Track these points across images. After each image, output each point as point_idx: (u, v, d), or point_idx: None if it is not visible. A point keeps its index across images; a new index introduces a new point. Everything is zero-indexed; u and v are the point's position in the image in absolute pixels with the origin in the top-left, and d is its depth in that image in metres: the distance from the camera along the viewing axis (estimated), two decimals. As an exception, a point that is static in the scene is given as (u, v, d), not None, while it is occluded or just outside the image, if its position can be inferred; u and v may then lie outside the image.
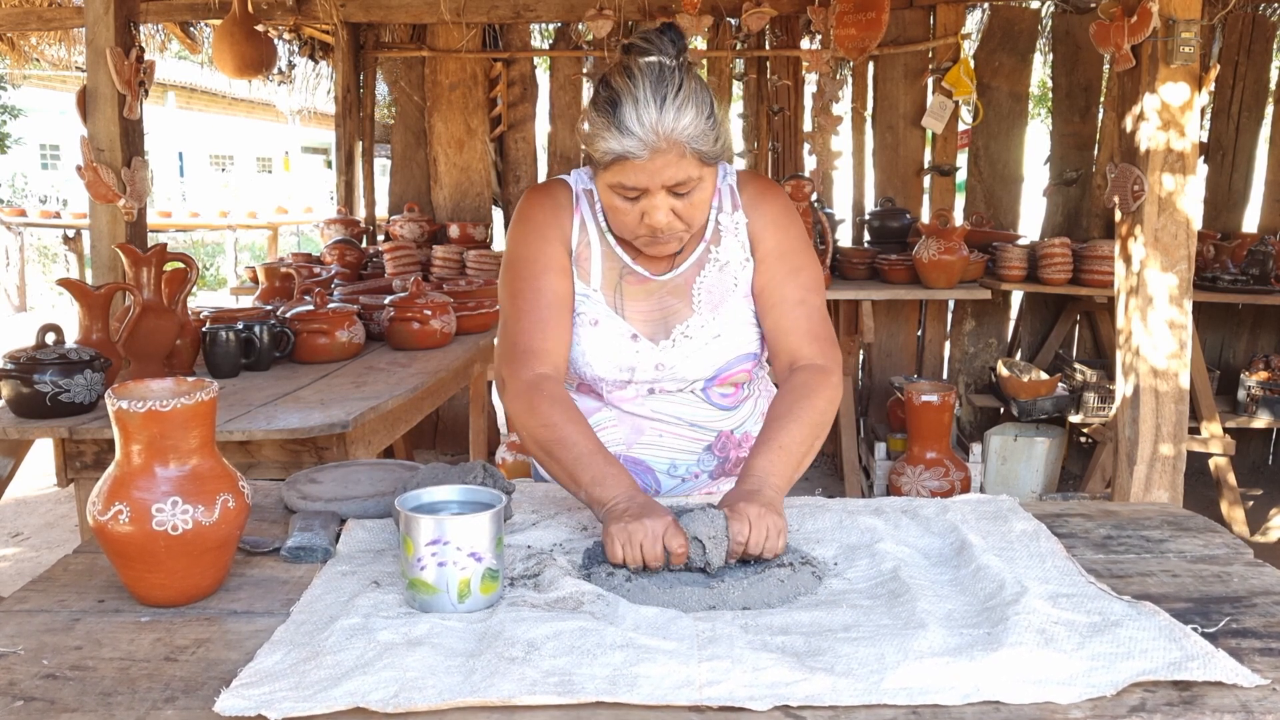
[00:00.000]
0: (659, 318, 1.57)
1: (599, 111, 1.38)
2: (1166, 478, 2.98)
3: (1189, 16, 2.76)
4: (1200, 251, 4.47)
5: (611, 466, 1.36)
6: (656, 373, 1.56)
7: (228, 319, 2.86)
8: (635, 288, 1.57)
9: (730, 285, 1.57)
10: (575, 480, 1.37)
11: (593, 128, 1.39)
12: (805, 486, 4.83)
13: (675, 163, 1.37)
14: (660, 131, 1.34)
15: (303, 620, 1.11)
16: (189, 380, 1.20)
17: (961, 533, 1.35)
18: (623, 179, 1.39)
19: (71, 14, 5.13)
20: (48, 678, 0.99)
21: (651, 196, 1.40)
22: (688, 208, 1.43)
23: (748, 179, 1.62)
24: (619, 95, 1.36)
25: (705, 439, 1.63)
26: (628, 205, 1.43)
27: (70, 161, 17.37)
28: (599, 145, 1.38)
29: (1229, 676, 0.97)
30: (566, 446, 1.39)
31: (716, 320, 1.56)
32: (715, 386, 1.61)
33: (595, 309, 1.56)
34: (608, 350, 1.55)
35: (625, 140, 1.35)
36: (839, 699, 0.94)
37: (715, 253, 1.58)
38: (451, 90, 5.21)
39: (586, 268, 1.56)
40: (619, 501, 1.30)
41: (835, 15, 4.46)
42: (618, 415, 1.61)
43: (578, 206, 1.58)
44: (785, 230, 1.59)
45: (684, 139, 1.36)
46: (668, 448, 1.62)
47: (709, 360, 1.56)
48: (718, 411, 1.63)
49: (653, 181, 1.38)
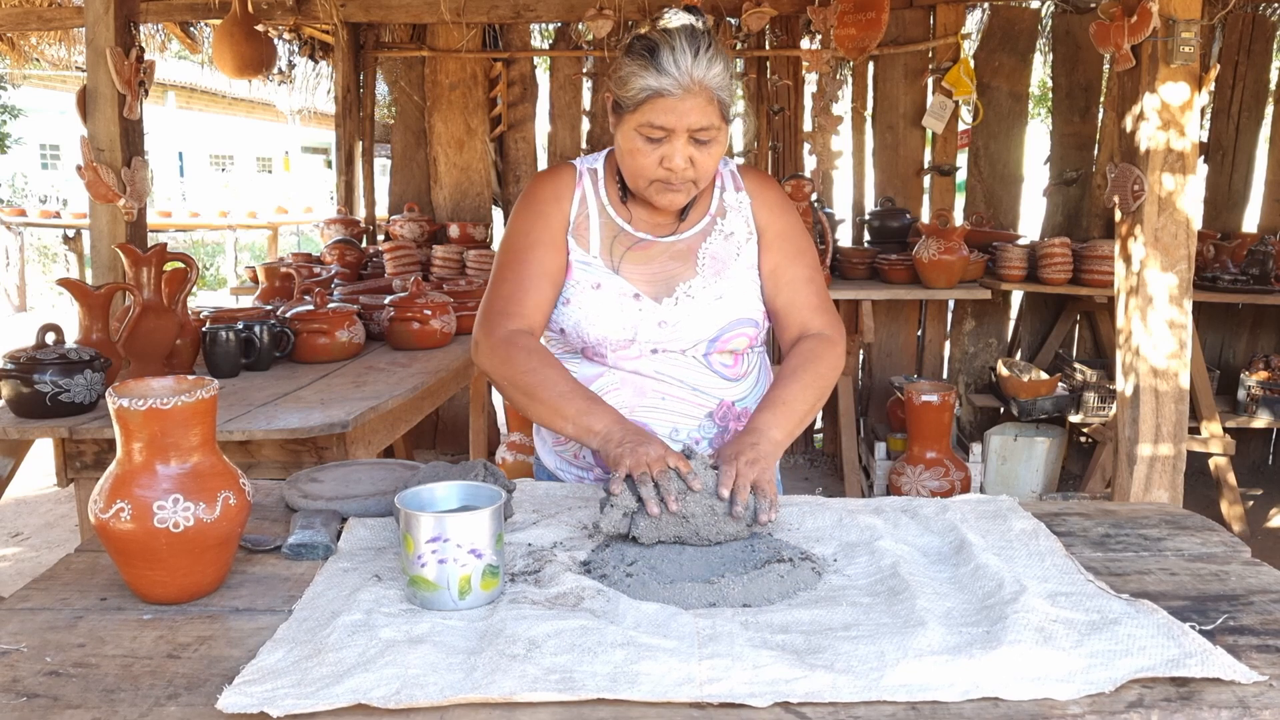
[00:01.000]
0: (661, 278, 1.63)
1: (634, 57, 1.48)
2: (1166, 478, 2.98)
3: (1189, 16, 2.76)
4: (1200, 251, 4.47)
5: (594, 399, 1.47)
6: (659, 331, 1.60)
7: (228, 319, 2.87)
8: (637, 252, 1.64)
9: (734, 254, 1.65)
10: (561, 415, 1.45)
11: (627, 70, 1.49)
12: (805, 486, 4.83)
13: (702, 107, 1.47)
14: (694, 75, 1.45)
15: (304, 617, 1.12)
16: (189, 378, 1.21)
17: (961, 531, 1.36)
18: (652, 118, 1.48)
19: (71, 14, 5.13)
20: (51, 675, 1.00)
21: (674, 139, 1.49)
22: (703, 157, 1.52)
23: (748, 169, 1.75)
24: (656, 43, 1.47)
25: (707, 405, 1.65)
26: (649, 147, 1.51)
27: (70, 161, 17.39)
28: (634, 84, 1.47)
29: (1226, 673, 0.97)
30: (547, 386, 1.47)
31: (719, 283, 1.63)
32: (716, 353, 1.64)
33: (596, 274, 1.62)
34: (610, 310, 1.59)
35: (662, 79, 1.45)
36: (839, 696, 0.94)
37: (721, 224, 1.67)
38: (451, 90, 5.22)
39: (585, 237, 1.64)
40: (612, 429, 1.39)
41: (835, 15, 4.46)
42: (621, 378, 1.63)
43: (580, 182, 1.67)
44: (787, 215, 1.71)
45: (713, 86, 1.47)
46: (670, 411, 1.64)
47: (711, 320, 1.61)
48: (719, 380, 1.66)
49: (680, 123, 1.47)
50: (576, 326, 1.61)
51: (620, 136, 1.55)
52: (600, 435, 1.40)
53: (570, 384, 1.48)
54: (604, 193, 1.66)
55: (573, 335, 1.62)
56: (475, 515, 1.14)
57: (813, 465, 5.25)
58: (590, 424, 1.42)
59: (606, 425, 1.40)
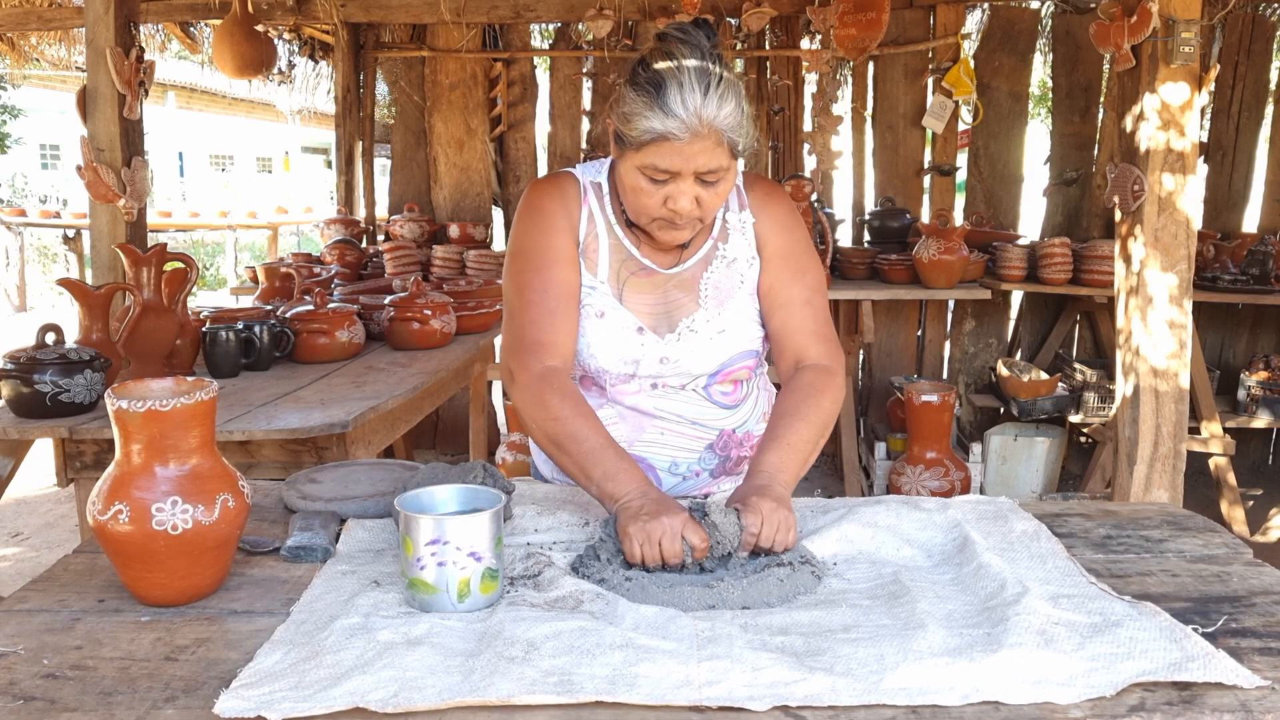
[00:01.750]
0: (663, 311, 1.58)
1: (640, 92, 1.38)
2: (1166, 478, 2.98)
3: (1189, 16, 2.76)
4: (1200, 251, 4.47)
5: (623, 461, 1.36)
6: (660, 366, 1.57)
7: (228, 319, 2.86)
8: (641, 280, 1.58)
9: (736, 282, 1.59)
10: (587, 475, 1.37)
11: (632, 107, 1.39)
12: (805, 487, 4.83)
13: (710, 150, 1.39)
14: (703, 117, 1.36)
15: (302, 620, 1.11)
16: (189, 380, 1.21)
17: (964, 529, 1.35)
18: (657, 160, 1.40)
19: (71, 14, 5.13)
20: (48, 677, 0.99)
21: (680, 181, 1.42)
22: (710, 197, 1.45)
23: (753, 180, 1.65)
24: (663, 78, 1.37)
25: (707, 437, 1.63)
26: (653, 188, 1.43)
27: (70, 161, 17.38)
28: (638, 125, 1.38)
29: (1229, 678, 0.97)
30: (578, 441, 1.38)
31: (722, 315, 1.57)
32: (717, 384, 1.62)
33: (601, 301, 1.56)
34: (613, 342, 1.55)
35: (669, 121, 1.36)
36: (838, 699, 0.94)
37: (723, 250, 1.59)
38: (451, 90, 5.21)
39: (594, 259, 1.57)
40: (633, 498, 1.30)
41: (835, 15, 4.46)
42: (620, 412, 1.61)
43: (585, 199, 1.59)
44: (791, 232, 1.62)
45: (723, 127, 1.38)
46: (669, 445, 1.62)
47: (713, 355, 1.57)
48: (719, 410, 1.63)
49: (686, 166, 1.39)
50: (579, 355, 1.57)
51: (623, 171, 1.47)
52: (619, 503, 1.31)
53: (599, 439, 1.39)
54: (610, 212, 1.58)
55: (575, 363, 1.58)
56: (475, 518, 1.14)
57: (813, 465, 5.25)
58: (613, 490, 1.32)
59: (627, 493, 1.31)
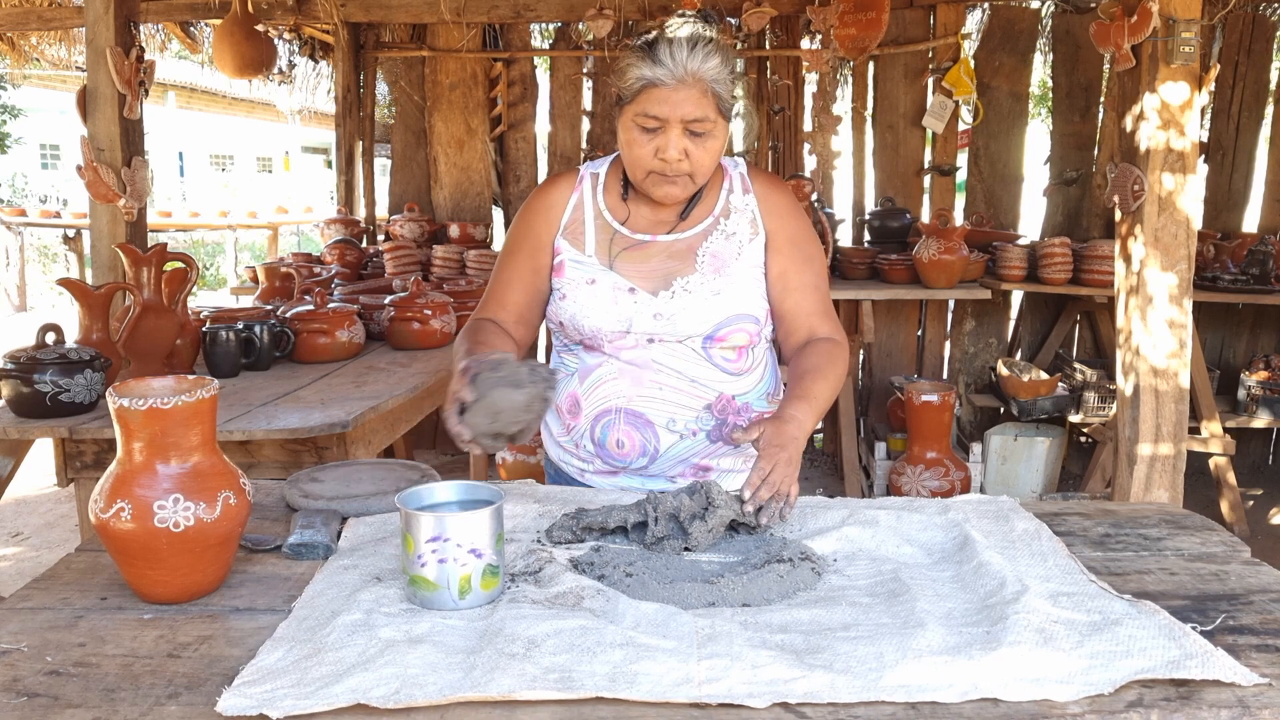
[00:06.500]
0: (659, 275, 1.65)
1: (634, 50, 1.54)
2: (1166, 477, 2.98)
3: (1189, 16, 2.76)
4: (1200, 251, 4.47)
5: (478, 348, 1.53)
6: (654, 323, 1.62)
7: (228, 319, 2.87)
8: (633, 252, 1.66)
9: (735, 253, 1.66)
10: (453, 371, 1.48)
11: (625, 63, 1.54)
12: (805, 487, 4.82)
13: (696, 99, 1.51)
14: (689, 66, 1.50)
15: (304, 616, 1.12)
16: (189, 378, 1.21)
17: (964, 529, 1.36)
18: (646, 108, 1.53)
19: (71, 14, 5.13)
20: (51, 674, 1.00)
21: (669, 130, 1.53)
22: (700, 152, 1.56)
23: (758, 172, 1.76)
24: (656, 37, 1.52)
25: (705, 397, 1.65)
26: (645, 138, 1.55)
27: (70, 161, 17.37)
28: (630, 74, 1.53)
29: (1227, 675, 0.97)
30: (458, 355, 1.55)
31: (718, 280, 1.64)
32: (716, 346, 1.65)
33: (590, 270, 1.66)
34: (604, 303, 1.63)
35: (657, 69, 1.50)
36: (838, 696, 0.94)
37: (725, 224, 1.68)
38: (451, 90, 5.21)
39: (580, 238, 1.68)
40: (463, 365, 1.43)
41: (835, 15, 4.46)
42: (619, 368, 1.65)
43: (579, 187, 1.72)
44: (797, 220, 1.72)
45: (707, 78, 1.51)
46: (667, 401, 1.65)
47: (708, 315, 1.62)
48: (719, 373, 1.66)
49: (674, 113, 1.51)
50: (573, 319, 1.66)
51: (620, 129, 1.60)
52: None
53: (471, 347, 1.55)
54: (602, 196, 1.71)
55: (571, 328, 1.67)
56: (475, 515, 1.14)
57: (813, 465, 5.25)
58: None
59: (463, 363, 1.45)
